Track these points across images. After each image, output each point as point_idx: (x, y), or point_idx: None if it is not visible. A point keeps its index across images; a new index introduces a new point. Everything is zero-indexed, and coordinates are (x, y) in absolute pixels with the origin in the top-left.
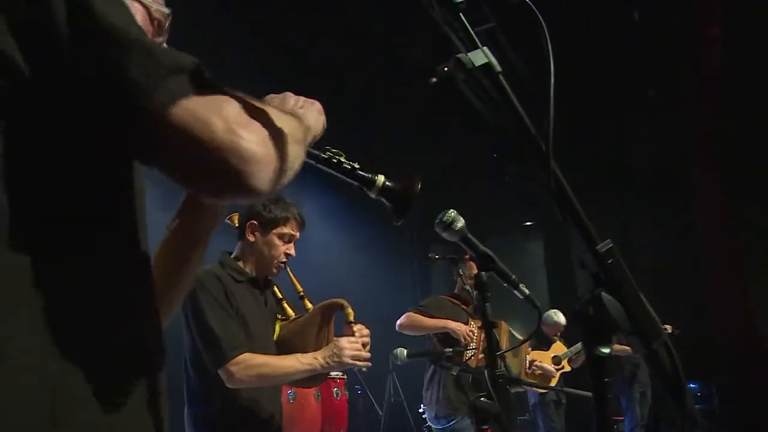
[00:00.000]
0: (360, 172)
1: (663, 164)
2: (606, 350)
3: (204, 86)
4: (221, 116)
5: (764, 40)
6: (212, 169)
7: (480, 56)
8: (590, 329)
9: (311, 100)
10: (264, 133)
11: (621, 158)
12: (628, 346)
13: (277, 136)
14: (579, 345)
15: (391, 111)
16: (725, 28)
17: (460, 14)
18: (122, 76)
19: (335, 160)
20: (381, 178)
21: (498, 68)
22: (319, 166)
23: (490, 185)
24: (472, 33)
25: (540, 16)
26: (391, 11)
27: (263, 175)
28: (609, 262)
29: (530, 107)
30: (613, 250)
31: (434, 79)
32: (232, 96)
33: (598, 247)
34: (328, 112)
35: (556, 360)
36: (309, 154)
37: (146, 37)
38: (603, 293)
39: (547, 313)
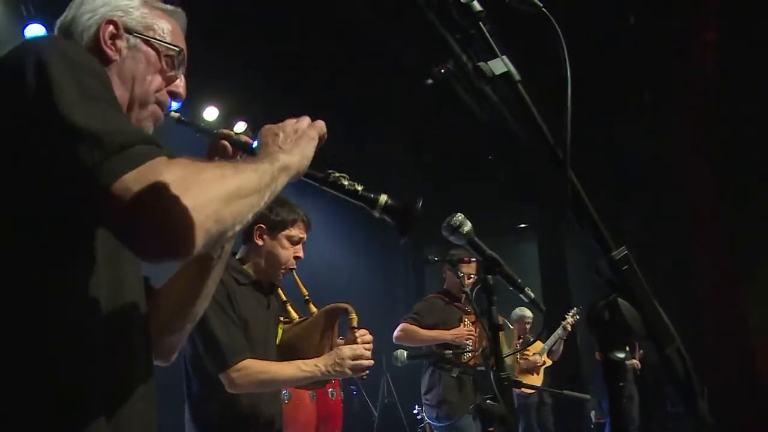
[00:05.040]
0: (363, 193)
1: (656, 167)
2: (621, 355)
3: (145, 158)
4: (153, 189)
5: (759, 45)
6: (144, 238)
7: (500, 65)
8: (606, 334)
9: (310, 128)
10: (196, 198)
11: (614, 161)
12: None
13: (214, 198)
14: (554, 336)
15: (384, 112)
16: (720, 33)
17: (480, 23)
18: (71, 164)
19: (339, 183)
20: (383, 198)
21: (517, 77)
22: (323, 187)
23: (484, 187)
24: (492, 42)
25: (558, 28)
26: (385, 12)
27: (190, 241)
28: (624, 268)
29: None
30: (629, 256)
31: (430, 81)
32: (172, 164)
33: (613, 254)
34: (322, 114)
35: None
36: (313, 177)
37: (97, 115)
38: (619, 299)
39: (513, 312)
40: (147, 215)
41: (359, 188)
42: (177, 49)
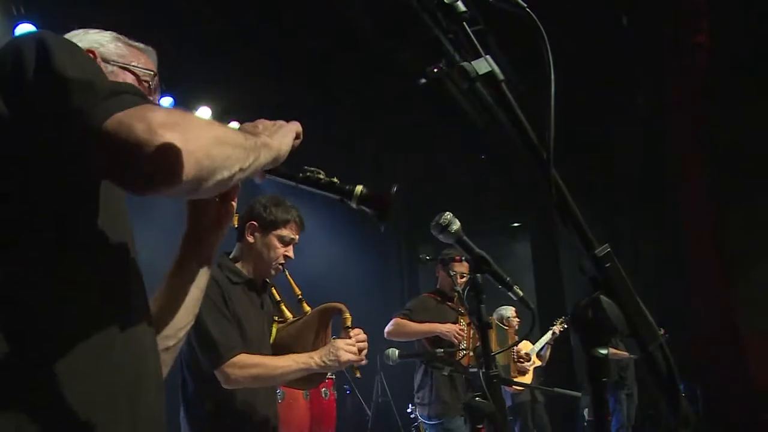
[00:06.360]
0: (339, 185)
1: (649, 169)
2: (604, 351)
3: (136, 103)
4: (143, 120)
5: (749, 47)
6: (135, 166)
7: (483, 65)
8: (588, 331)
9: (287, 126)
10: (185, 132)
11: (608, 163)
12: (617, 350)
13: (202, 136)
14: (542, 340)
15: (379, 112)
16: (711, 35)
17: (464, 24)
18: (69, 106)
19: (314, 178)
20: (359, 188)
21: (501, 77)
22: (300, 186)
23: (478, 186)
24: (476, 42)
25: (542, 28)
26: (381, 14)
27: (181, 168)
28: (607, 266)
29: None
30: (611, 254)
31: (423, 80)
32: (162, 108)
33: (596, 252)
34: (318, 115)
35: (527, 357)
36: (287, 176)
37: (92, 75)
38: (602, 297)
39: (494, 311)
40: (138, 143)
41: (335, 181)
42: (152, 72)
